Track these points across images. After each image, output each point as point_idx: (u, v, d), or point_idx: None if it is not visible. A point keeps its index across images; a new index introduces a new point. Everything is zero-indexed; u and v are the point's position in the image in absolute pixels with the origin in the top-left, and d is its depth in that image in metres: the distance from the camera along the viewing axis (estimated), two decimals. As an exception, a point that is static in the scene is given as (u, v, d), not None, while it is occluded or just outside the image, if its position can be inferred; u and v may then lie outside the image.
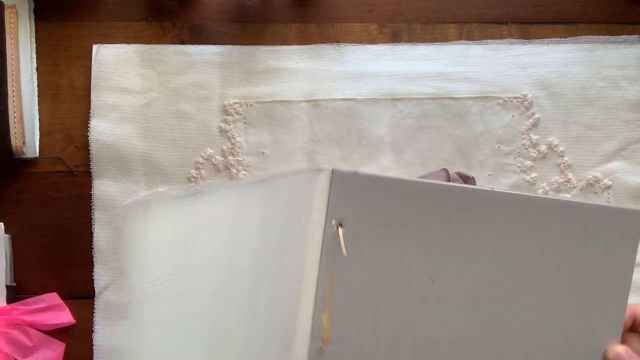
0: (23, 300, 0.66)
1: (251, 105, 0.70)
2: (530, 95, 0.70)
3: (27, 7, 0.69)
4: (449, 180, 0.68)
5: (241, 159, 0.69)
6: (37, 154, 0.69)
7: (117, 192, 0.68)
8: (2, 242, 0.66)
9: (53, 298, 0.66)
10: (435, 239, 0.54)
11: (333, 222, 0.55)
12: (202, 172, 0.69)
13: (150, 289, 0.49)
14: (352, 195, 0.54)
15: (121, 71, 0.69)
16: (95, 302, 0.68)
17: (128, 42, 0.70)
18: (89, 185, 0.69)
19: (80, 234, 0.68)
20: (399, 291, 0.55)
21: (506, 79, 0.71)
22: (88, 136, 0.69)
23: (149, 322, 0.50)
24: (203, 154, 0.69)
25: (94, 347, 0.67)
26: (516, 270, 0.54)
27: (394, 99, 0.70)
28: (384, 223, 0.55)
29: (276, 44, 0.71)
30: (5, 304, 0.65)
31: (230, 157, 0.69)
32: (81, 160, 0.69)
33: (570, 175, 0.70)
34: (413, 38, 0.72)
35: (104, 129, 0.69)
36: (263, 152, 0.69)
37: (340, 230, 0.55)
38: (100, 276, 0.68)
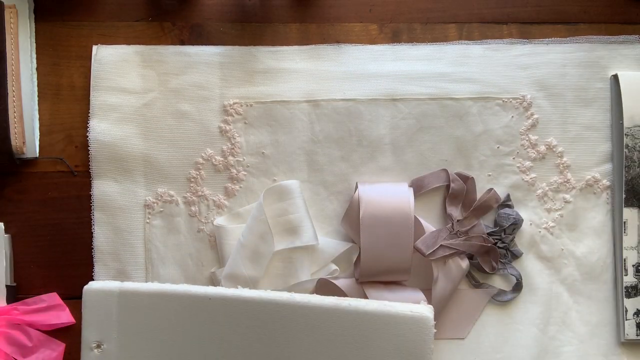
0: (23, 300, 0.66)
1: (251, 105, 0.70)
2: (529, 96, 0.71)
3: (27, 7, 0.69)
4: (448, 180, 0.69)
5: (241, 159, 0.69)
6: (37, 154, 0.69)
7: (117, 193, 0.68)
8: (2, 242, 0.66)
9: (53, 298, 0.66)
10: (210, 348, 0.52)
11: (92, 345, 0.53)
12: (202, 172, 0.69)
13: None
14: (112, 312, 0.53)
15: (121, 71, 0.69)
16: (95, 302, 0.68)
17: (128, 42, 0.70)
18: (89, 185, 0.69)
19: (80, 234, 0.69)
20: None
21: (506, 79, 0.71)
22: (88, 136, 0.69)
23: None
24: (203, 155, 0.69)
25: (94, 347, 0.67)
26: None
27: (394, 99, 0.70)
28: (151, 337, 0.53)
29: (276, 44, 0.71)
30: (5, 304, 0.65)
31: (230, 158, 0.69)
32: (81, 160, 0.69)
33: (569, 175, 0.70)
34: (413, 38, 0.72)
35: (104, 129, 0.69)
36: (263, 153, 0.69)
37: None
38: (100, 276, 0.68)
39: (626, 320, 0.68)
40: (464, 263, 0.66)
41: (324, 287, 0.66)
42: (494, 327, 0.68)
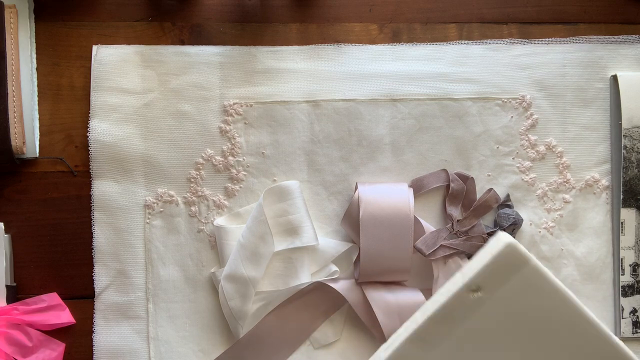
0: (23, 300, 0.66)
1: (251, 105, 0.70)
2: (528, 96, 0.71)
3: (27, 7, 0.69)
4: (448, 180, 0.69)
5: (241, 160, 0.69)
6: (37, 154, 0.69)
7: (117, 193, 0.69)
8: (2, 242, 0.66)
9: (53, 298, 0.67)
10: None
11: (474, 287, 0.53)
12: (202, 172, 0.69)
13: None
14: (514, 274, 0.53)
15: (121, 72, 0.69)
16: (95, 302, 0.68)
17: (128, 42, 0.70)
18: (89, 185, 0.69)
19: (80, 234, 0.69)
20: None
21: (505, 79, 0.71)
22: (88, 136, 0.69)
23: None
24: (203, 155, 0.69)
25: (93, 347, 0.67)
26: None
27: (393, 100, 0.70)
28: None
29: (276, 44, 0.71)
30: (5, 304, 0.65)
31: (230, 158, 0.69)
32: (81, 160, 0.69)
33: (569, 175, 0.70)
34: (413, 38, 0.72)
35: (104, 129, 0.69)
36: (263, 153, 0.69)
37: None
38: (100, 276, 0.68)
39: (622, 318, 0.69)
40: (464, 263, 0.67)
41: (320, 289, 0.67)
42: (493, 327, 0.68)
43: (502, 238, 0.53)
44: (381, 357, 0.53)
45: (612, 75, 0.71)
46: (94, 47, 0.70)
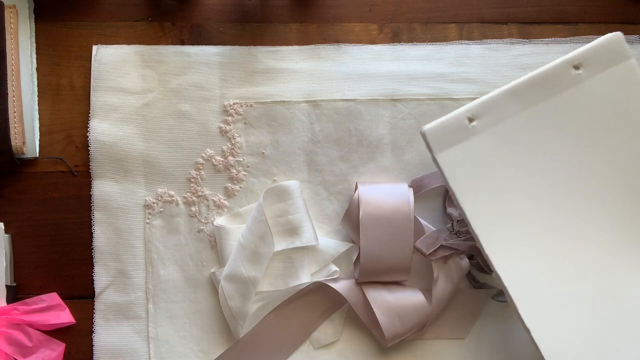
0: (23, 300, 0.66)
1: (251, 105, 0.70)
2: (529, 96, 0.71)
3: (27, 7, 0.69)
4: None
5: (241, 160, 0.69)
6: (37, 154, 0.69)
7: (117, 193, 0.68)
8: (2, 242, 0.66)
9: (53, 298, 0.66)
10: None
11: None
12: (202, 172, 0.69)
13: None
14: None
15: (121, 72, 0.69)
16: (95, 302, 0.68)
17: (128, 42, 0.70)
18: (89, 185, 0.69)
19: (80, 234, 0.69)
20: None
21: (505, 79, 0.71)
22: (88, 136, 0.69)
23: None
24: (203, 155, 0.69)
25: (93, 347, 0.67)
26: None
27: (393, 100, 0.70)
28: None
29: (276, 44, 0.71)
30: (5, 304, 0.65)
31: (230, 158, 0.69)
32: (81, 160, 0.69)
33: (569, 175, 0.70)
34: (413, 38, 0.72)
35: (104, 129, 0.69)
36: (263, 153, 0.69)
37: None
38: (100, 276, 0.68)
39: None
40: (464, 263, 0.67)
41: (320, 289, 0.67)
42: (494, 327, 0.68)
43: (613, 34, 0.59)
44: (476, 102, 0.58)
45: None
46: (94, 47, 0.70)
